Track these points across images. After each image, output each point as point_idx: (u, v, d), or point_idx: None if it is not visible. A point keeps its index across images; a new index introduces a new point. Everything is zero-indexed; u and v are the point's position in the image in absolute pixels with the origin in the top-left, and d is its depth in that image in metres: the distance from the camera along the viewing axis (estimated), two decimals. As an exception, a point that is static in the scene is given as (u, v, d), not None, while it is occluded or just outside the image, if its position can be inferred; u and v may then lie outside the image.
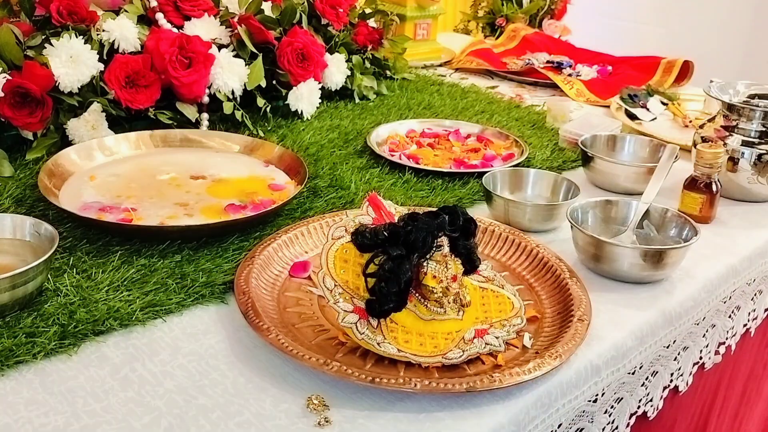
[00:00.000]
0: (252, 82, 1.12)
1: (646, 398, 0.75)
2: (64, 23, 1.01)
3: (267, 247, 0.75)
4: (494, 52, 1.68)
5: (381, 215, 0.66)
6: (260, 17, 1.17)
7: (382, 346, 0.60)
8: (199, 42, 1.05)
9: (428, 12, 1.62)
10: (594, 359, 0.65)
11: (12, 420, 0.54)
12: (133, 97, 1.00)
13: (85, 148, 0.95)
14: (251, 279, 0.69)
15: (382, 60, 1.41)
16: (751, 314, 0.93)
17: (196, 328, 0.66)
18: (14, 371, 0.59)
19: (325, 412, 0.56)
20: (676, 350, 0.78)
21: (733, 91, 1.00)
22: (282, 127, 1.15)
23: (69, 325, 0.63)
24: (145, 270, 0.72)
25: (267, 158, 0.98)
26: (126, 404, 0.56)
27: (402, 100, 1.32)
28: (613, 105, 1.32)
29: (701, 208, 0.90)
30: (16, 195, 0.86)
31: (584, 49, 1.71)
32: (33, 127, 0.95)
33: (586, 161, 1.01)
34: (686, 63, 1.51)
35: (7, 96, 0.91)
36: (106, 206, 0.83)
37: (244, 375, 0.60)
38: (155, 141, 1.01)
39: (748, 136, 0.96)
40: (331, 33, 1.30)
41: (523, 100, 1.40)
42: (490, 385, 0.57)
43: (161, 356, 0.62)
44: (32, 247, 0.70)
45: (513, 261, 0.78)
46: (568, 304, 0.69)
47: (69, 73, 0.96)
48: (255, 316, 0.63)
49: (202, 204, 0.85)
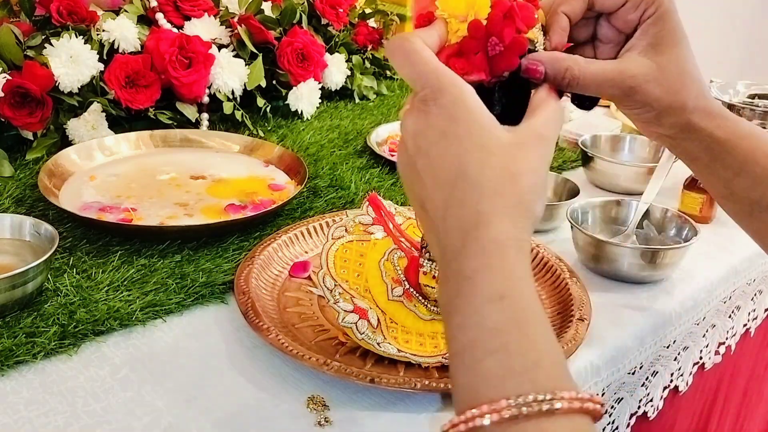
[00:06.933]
0: (252, 82, 1.12)
1: (647, 398, 0.75)
2: (64, 23, 1.01)
3: (267, 247, 0.75)
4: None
5: (381, 215, 0.66)
6: (260, 17, 1.17)
7: (382, 346, 0.60)
8: (199, 42, 1.05)
9: (428, 12, 1.62)
10: (594, 359, 0.65)
11: (12, 420, 0.54)
12: (133, 97, 1.00)
13: (85, 148, 0.95)
14: (251, 279, 0.69)
15: (382, 60, 1.41)
16: (751, 314, 0.93)
17: (196, 328, 0.66)
18: (14, 371, 0.58)
19: (325, 412, 0.56)
20: (676, 350, 0.78)
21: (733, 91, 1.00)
22: (282, 127, 1.15)
23: (69, 325, 0.63)
24: (145, 270, 0.72)
25: (267, 158, 0.98)
26: (126, 404, 0.56)
27: (402, 100, 1.32)
28: (613, 105, 1.32)
29: (701, 208, 0.90)
30: (16, 195, 0.86)
31: (584, 49, 1.70)
32: (33, 127, 0.95)
33: (586, 161, 1.01)
34: (686, 63, 1.51)
35: (7, 96, 0.91)
36: (106, 206, 0.83)
37: (244, 375, 0.60)
38: (155, 141, 1.01)
39: (748, 136, 0.96)
40: (331, 33, 1.30)
41: (523, 100, 1.40)
42: (490, 385, 0.57)
43: (161, 356, 0.62)
44: (32, 247, 0.70)
45: (513, 261, 0.78)
46: (568, 304, 0.69)
47: (69, 73, 0.96)
48: (255, 317, 0.63)
49: (202, 204, 0.85)
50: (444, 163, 0.45)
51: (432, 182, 0.45)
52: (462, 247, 0.42)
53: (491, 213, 0.43)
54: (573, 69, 0.52)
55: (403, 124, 0.48)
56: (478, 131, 0.45)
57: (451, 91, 0.46)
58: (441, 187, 0.45)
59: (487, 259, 0.41)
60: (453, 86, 0.46)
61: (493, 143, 0.45)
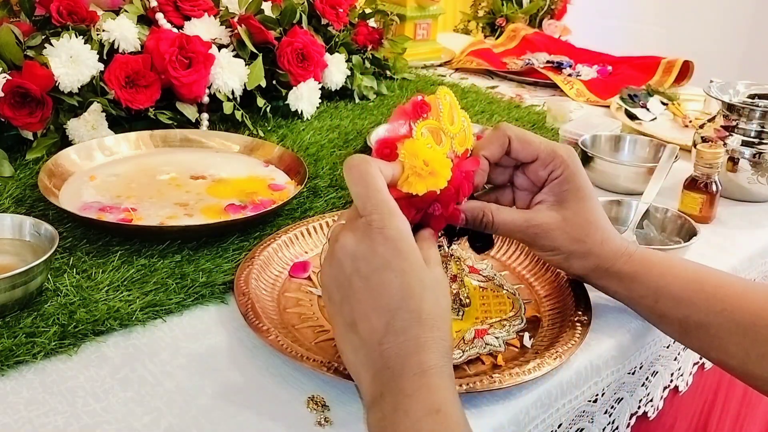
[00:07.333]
0: (252, 82, 1.12)
1: (647, 398, 0.75)
2: (64, 23, 1.01)
3: (267, 247, 0.75)
4: (494, 52, 1.68)
5: None
6: (260, 17, 1.17)
7: (382, 346, 0.60)
8: (199, 42, 1.05)
9: (428, 12, 1.62)
10: (594, 359, 0.65)
11: (12, 420, 0.54)
12: (133, 97, 1.00)
13: (85, 148, 0.95)
14: (251, 280, 0.69)
15: (382, 60, 1.41)
16: (751, 314, 0.93)
17: (196, 328, 0.66)
18: (14, 371, 0.59)
19: (325, 412, 0.56)
20: (676, 350, 0.78)
21: (733, 91, 1.00)
22: (282, 127, 1.15)
23: (69, 325, 0.63)
24: (145, 270, 0.72)
25: (267, 158, 0.98)
26: (126, 404, 0.56)
27: (402, 100, 1.32)
28: (613, 105, 1.32)
29: (701, 208, 0.90)
30: (16, 195, 0.86)
31: (584, 49, 1.71)
32: (33, 127, 0.95)
33: (586, 161, 1.01)
34: (686, 63, 1.51)
35: (7, 96, 0.91)
36: (106, 206, 0.83)
37: (244, 375, 0.60)
38: (155, 141, 1.01)
39: (748, 136, 0.96)
40: (331, 33, 1.30)
41: (523, 100, 1.40)
42: (490, 386, 0.57)
43: (161, 356, 0.62)
44: (32, 247, 0.70)
45: (513, 260, 0.78)
46: (568, 304, 0.69)
47: (69, 73, 0.96)
48: (255, 318, 0.63)
49: (202, 204, 0.85)
50: (386, 292, 0.50)
51: (371, 307, 0.50)
52: (402, 369, 0.48)
53: (429, 343, 0.49)
54: (487, 215, 0.62)
55: (338, 239, 0.52)
56: (419, 269, 0.51)
57: (398, 227, 0.51)
58: (382, 313, 0.49)
59: (426, 379, 0.47)
60: (398, 219, 0.51)
61: (428, 281, 0.51)
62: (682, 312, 0.61)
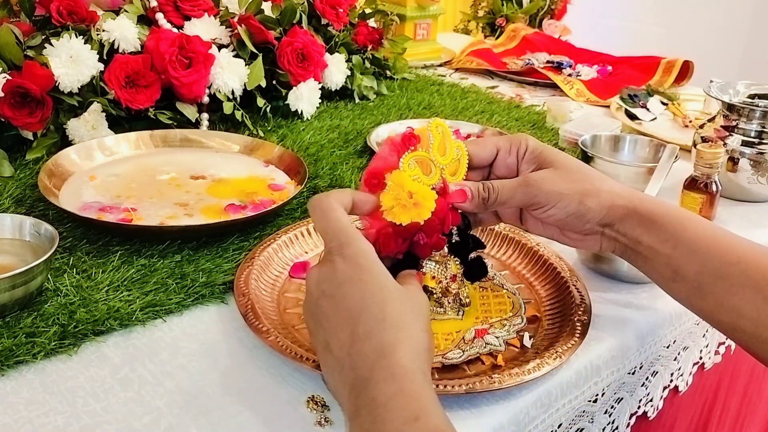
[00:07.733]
0: (252, 82, 1.12)
1: (647, 398, 0.75)
2: (64, 23, 1.01)
3: (267, 247, 0.75)
4: (494, 52, 1.68)
5: None
6: (260, 17, 1.17)
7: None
8: (199, 42, 1.05)
9: (428, 12, 1.63)
10: (594, 359, 0.65)
11: (12, 420, 0.54)
12: (133, 97, 1.00)
13: (85, 148, 0.95)
14: (251, 280, 0.69)
15: (382, 60, 1.41)
16: (751, 314, 0.93)
17: (196, 328, 0.66)
18: (14, 371, 0.59)
19: (325, 412, 0.56)
20: (676, 350, 0.78)
21: (733, 91, 1.00)
22: (282, 127, 1.15)
23: (69, 325, 0.63)
24: (145, 270, 0.72)
25: (267, 158, 0.98)
26: (126, 404, 0.56)
27: (402, 100, 1.32)
28: (613, 105, 1.32)
29: (701, 208, 0.90)
30: (16, 195, 0.86)
31: (584, 49, 1.71)
32: (33, 127, 0.95)
33: (586, 161, 1.01)
34: (686, 63, 1.51)
35: (7, 96, 0.91)
36: (106, 206, 0.83)
37: (244, 375, 0.60)
38: (155, 141, 1.01)
39: (748, 136, 0.96)
40: (331, 33, 1.30)
41: (523, 100, 1.40)
42: (490, 386, 0.57)
43: (161, 356, 0.62)
44: (32, 247, 0.70)
45: (513, 260, 0.78)
46: (568, 304, 0.69)
47: (69, 73, 0.96)
48: (255, 319, 0.63)
49: (202, 204, 0.85)
50: (348, 302, 0.50)
51: (336, 321, 0.50)
52: (371, 376, 0.47)
53: (395, 342, 0.48)
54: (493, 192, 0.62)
55: (308, 277, 0.54)
56: (378, 277, 0.52)
57: (355, 245, 0.53)
58: (345, 323, 0.50)
59: (398, 384, 0.46)
60: (357, 241, 0.53)
61: (392, 287, 0.52)
62: (698, 261, 0.59)
